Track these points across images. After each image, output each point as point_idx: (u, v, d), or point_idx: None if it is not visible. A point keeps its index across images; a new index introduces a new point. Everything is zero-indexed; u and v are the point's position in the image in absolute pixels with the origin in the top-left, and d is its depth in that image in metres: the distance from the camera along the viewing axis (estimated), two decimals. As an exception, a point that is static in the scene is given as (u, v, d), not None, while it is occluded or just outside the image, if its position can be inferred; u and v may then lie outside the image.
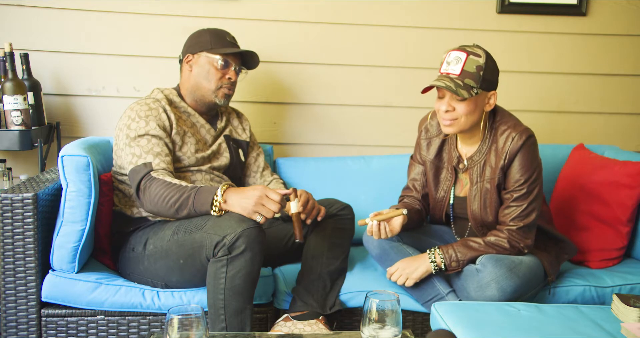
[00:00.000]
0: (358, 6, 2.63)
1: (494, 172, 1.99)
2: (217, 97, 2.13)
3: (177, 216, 1.90)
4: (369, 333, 1.35)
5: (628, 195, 2.26)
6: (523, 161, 1.95)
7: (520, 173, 1.95)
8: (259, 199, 1.79)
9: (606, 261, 2.28)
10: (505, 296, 1.87)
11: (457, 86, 1.86)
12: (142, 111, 2.03)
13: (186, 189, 1.87)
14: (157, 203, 1.88)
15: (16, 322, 1.92)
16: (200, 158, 2.10)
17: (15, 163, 2.55)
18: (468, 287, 1.93)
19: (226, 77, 2.13)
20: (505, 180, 1.99)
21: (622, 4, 2.73)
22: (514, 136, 1.94)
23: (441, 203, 2.11)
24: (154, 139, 1.99)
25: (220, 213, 1.83)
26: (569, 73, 2.78)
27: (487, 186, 2.00)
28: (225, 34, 2.17)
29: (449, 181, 2.09)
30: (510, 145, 1.94)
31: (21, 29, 2.47)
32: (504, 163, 1.96)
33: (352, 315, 2.07)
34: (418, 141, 2.18)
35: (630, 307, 1.71)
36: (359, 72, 2.69)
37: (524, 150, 1.94)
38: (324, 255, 2.07)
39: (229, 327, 1.79)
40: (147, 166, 1.94)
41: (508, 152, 1.94)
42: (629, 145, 2.84)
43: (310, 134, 2.72)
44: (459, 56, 1.90)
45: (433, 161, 2.11)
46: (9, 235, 1.88)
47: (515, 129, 1.96)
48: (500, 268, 1.89)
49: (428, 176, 2.14)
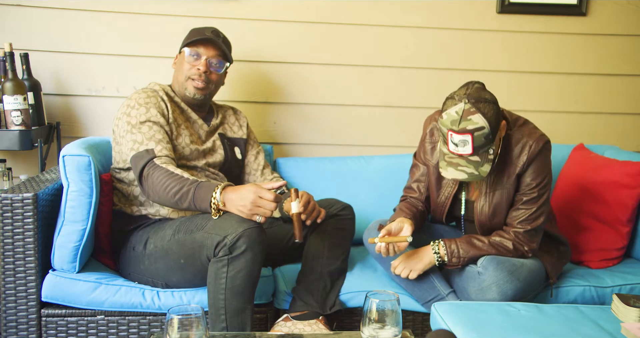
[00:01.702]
0: (358, 6, 2.63)
1: (507, 180, 1.96)
2: (187, 90, 2.13)
3: (178, 207, 1.89)
4: (369, 333, 1.35)
5: (628, 195, 2.26)
6: (538, 166, 1.94)
7: (532, 177, 1.95)
8: (254, 202, 1.78)
9: (606, 261, 2.28)
10: (506, 299, 1.87)
11: (477, 166, 1.82)
12: (141, 98, 2.03)
13: (187, 182, 1.86)
14: (159, 192, 1.88)
15: (16, 322, 1.92)
16: (195, 150, 2.10)
17: (15, 163, 2.55)
18: (469, 289, 1.93)
19: (195, 67, 2.12)
20: (519, 186, 1.97)
21: (622, 4, 2.73)
22: (532, 144, 1.93)
23: (442, 207, 2.11)
24: (155, 126, 1.99)
25: (218, 215, 1.83)
26: (569, 73, 2.78)
27: (498, 194, 1.98)
28: (206, 29, 2.17)
29: (451, 188, 2.05)
30: (529, 153, 1.92)
31: (21, 29, 2.47)
32: (521, 170, 1.94)
33: (352, 315, 2.07)
34: (422, 142, 2.14)
35: (630, 307, 1.71)
36: (359, 72, 2.69)
37: (541, 156, 1.94)
38: (324, 255, 2.07)
39: (230, 327, 1.79)
40: (149, 153, 1.93)
41: (526, 159, 1.93)
42: (629, 145, 2.84)
43: (310, 134, 2.72)
44: (465, 139, 1.79)
45: (436, 166, 2.05)
46: (9, 235, 1.88)
47: (531, 136, 1.94)
48: (502, 271, 1.88)
49: (431, 179, 2.12)
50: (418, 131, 2.67)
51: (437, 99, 2.52)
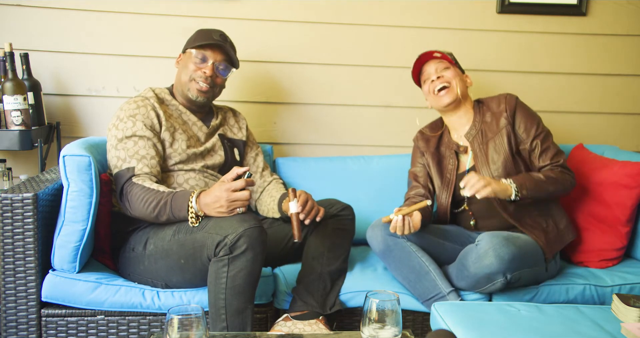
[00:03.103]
0: (358, 6, 2.63)
1: (497, 125, 2.18)
2: (190, 91, 2.13)
3: (159, 221, 1.93)
4: (369, 333, 1.35)
5: (628, 195, 2.26)
6: (524, 110, 2.21)
7: (531, 120, 2.19)
8: (228, 198, 1.81)
9: (606, 262, 2.28)
10: (503, 264, 1.89)
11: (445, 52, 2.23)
12: (130, 110, 2.05)
13: (163, 194, 1.90)
14: (139, 208, 1.92)
15: (16, 322, 1.92)
16: (192, 155, 2.10)
17: (15, 163, 2.55)
18: (467, 263, 1.96)
19: (201, 70, 2.12)
20: (515, 132, 2.18)
21: (622, 4, 2.73)
22: (505, 96, 2.24)
23: (448, 187, 2.21)
24: (140, 141, 2.00)
25: (197, 222, 1.86)
26: (568, 73, 2.78)
27: (492, 144, 2.17)
28: (214, 32, 2.17)
29: (452, 165, 2.24)
30: (506, 102, 2.21)
31: (21, 29, 2.47)
32: (507, 113, 2.19)
33: (352, 315, 2.07)
34: (414, 149, 2.38)
35: (630, 307, 1.71)
36: (359, 72, 2.69)
37: (521, 104, 2.22)
38: (324, 255, 2.07)
39: (230, 327, 1.79)
40: (129, 171, 1.96)
41: (507, 106, 2.20)
42: (629, 145, 2.84)
43: (310, 134, 2.72)
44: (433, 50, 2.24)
45: (434, 153, 2.29)
46: (9, 235, 1.88)
47: (501, 94, 2.26)
48: (498, 238, 1.94)
49: (431, 168, 2.26)
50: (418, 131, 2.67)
51: (437, 99, 2.52)
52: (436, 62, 2.22)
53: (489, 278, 1.92)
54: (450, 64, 2.23)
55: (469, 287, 2.00)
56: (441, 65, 2.22)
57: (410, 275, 2.03)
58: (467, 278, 1.96)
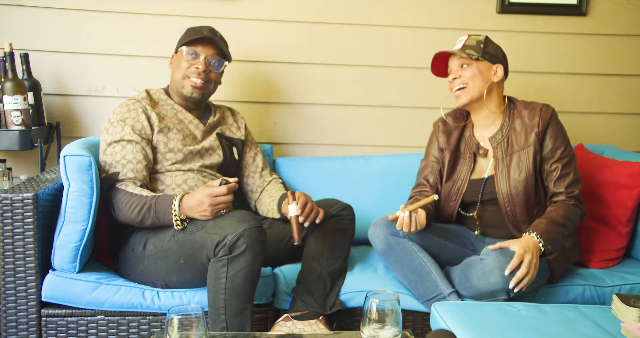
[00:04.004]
0: (358, 6, 2.63)
1: (526, 141, 2.10)
2: (184, 88, 2.13)
3: (143, 225, 1.94)
4: (369, 333, 1.35)
5: (628, 195, 2.26)
6: (557, 129, 2.12)
7: (560, 141, 2.11)
8: (212, 203, 1.83)
9: (606, 262, 2.28)
10: (508, 284, 1.87)
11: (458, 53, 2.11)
12: (120, 114, 2.06)
13: (147, 199, 1.91)
14: (124, 213, 1.93)
15: (16, 322, 1.92)
16: (189, 153, 2.10)
17: (15, 163, 2.55)
18: (471, 276, 1.93)
19: (194, 66, 2.12)
20: (542, 150, 2.11)
21: (622, 4, 2.73)
22: (541, 108, 2.13)
23: (457, 193, 2.17)
24: (128, 145, 2.01)
25: (182, 226, 1.88)
26: (568, 73, 2.78)
27: (516, 157, 2.10)
28: (203, 28, 2.17)
29: (468, 166, 2.18)
30: (541, 115, 2.11)
31: (21, 29, 2.47)
32: (539, 129, 2.10)
33: (352, 315, 2.07)
34: (432, 138, 2.29)
35: (630, 307, 1.71)
36: (359, 72, 2.69)
37: (555, 119, 2.13)
38: (324, 255, 2.07)
39: (230, 327, 1.79)
40: (114, 176, 1.98)
41: (540, 120, 2.10)
42: (629, 145, 2.84)
43: (310, 134, 2.72)
44: (462, 38, 2.17)
45: (453, 150, 2.22)
46: (9, 235, 1.88)
47: (538, 104, 2.15)
48: (505, 256, 1.90)
49: (445, 166, 2.21)
50: (418, 130, 2.68)
51: (437, 99, 2.53)
52: (458, 57, 2.15)
53: (492, 295, 1.91)
54: (473, 60, 2.12)
55: (470, 297, 1.98)
56: (462, 61, 2.14)
57: (412, 275, 2.03)
58: (470, 290, 1.94)
